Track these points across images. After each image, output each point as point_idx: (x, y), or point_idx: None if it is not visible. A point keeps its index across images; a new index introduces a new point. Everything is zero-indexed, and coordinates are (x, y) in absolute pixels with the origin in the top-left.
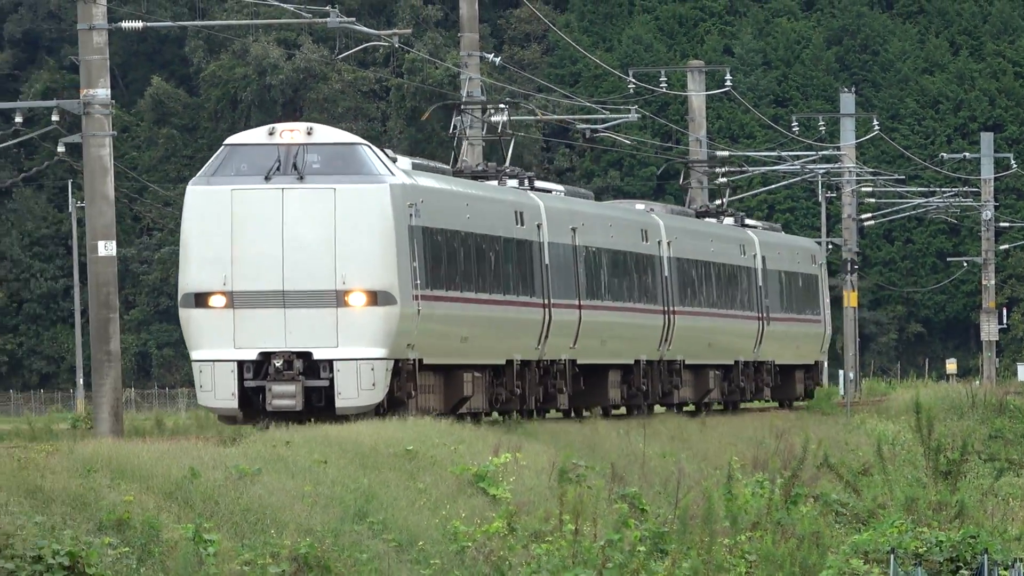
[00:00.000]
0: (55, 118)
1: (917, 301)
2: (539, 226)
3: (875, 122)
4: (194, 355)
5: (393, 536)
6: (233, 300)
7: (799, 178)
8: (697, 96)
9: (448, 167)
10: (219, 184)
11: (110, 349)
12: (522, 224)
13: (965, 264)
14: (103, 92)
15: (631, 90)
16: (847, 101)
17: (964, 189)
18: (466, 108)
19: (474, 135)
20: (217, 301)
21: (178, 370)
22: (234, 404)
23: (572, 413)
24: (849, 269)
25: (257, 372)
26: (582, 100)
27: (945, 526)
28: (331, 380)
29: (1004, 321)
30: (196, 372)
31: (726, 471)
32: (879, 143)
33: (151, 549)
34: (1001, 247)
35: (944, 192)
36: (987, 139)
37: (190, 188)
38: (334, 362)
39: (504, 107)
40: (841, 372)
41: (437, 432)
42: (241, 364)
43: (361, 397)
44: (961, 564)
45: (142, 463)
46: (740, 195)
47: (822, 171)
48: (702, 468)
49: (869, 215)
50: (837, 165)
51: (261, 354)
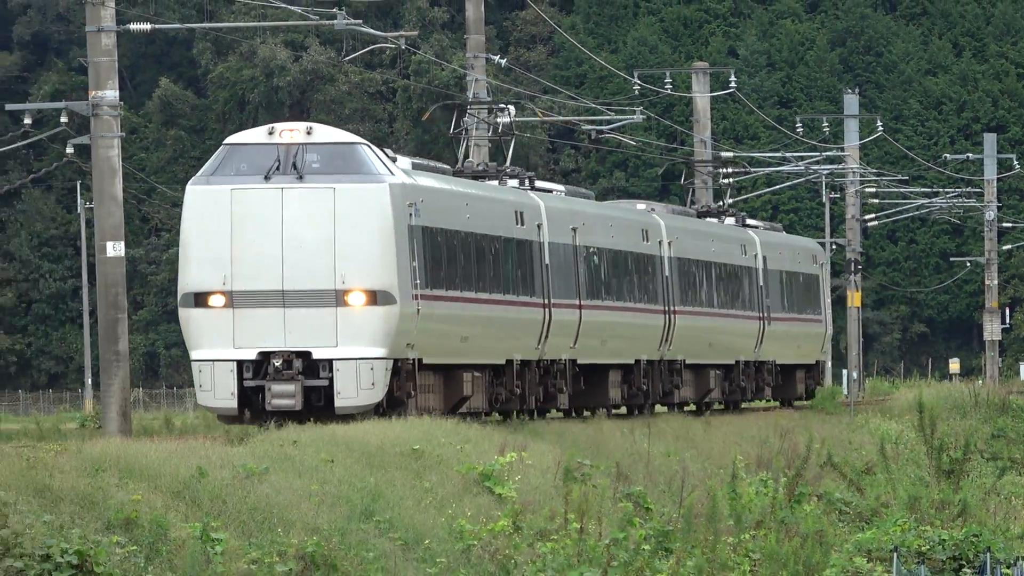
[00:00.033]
0: (64, 120)
1: (920, 301)
2: (539, 226)
3: (879, 123)
4: (193, 355)
5: (399, 535)
6: (232, 300)
7: (803, 179)
8: (701, 97)
9: (448, 167)
10: (219, 184)
11: (118, 349)
12: (522, 224)
13: (968, 264)
14: (111, 94)
15: (636, 91)
16: (851, 102)
17: (967, 190)
18: (472, 108)
19: (479, 136)
20: (216, 301)
21: (186, 370)
22: (233, 404)
23: (573, 413)
24: (853, 269)
25: (256, 372)
26: (587, 101)
27: (948, 525)
28: (330, 380)
29: (1007, 321)
30: (195, 372)
31: (730, 470)
32: (883, 144)
33: (159, 548)
34: (1004, 247)
35: (947, 193)
36: (990, 140)
37: (190, 188)
38: (333, 362)
39: (504, 107)
40: (845, 371)
41: (443, 431)
42: (240, 364)
43: (360, 397)
44: (964, 562)
45: (150, 462)
46: (745, 196)
47: (826, 172)
48: (706, 467)
49: (873, 216)
50: (841, 166)
51: (260, 354)
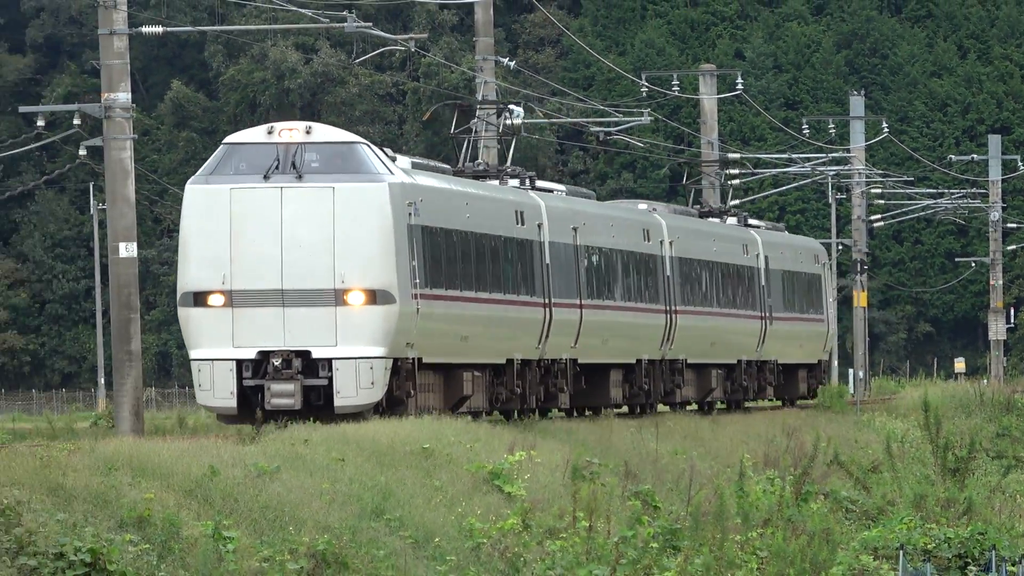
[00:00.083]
0: (77, 122)
1: (926, 301)
2: (540, 225)
3: (884, 125)
4: (193, 354)
5: (410, 533)
6: (232, 299)
7: (809, 180)
8: (709, 99)
9: (448, 167)
10: (218, 183)
11: (131, 349)
12: (523, 223)
13: (973, 264)
14: (124, 96)
15: (644, 93)
16: (857, 104)
17: (972, 190)
18: (480, 110)
19: (488, 137)
20: (216, 300)
21: None
22: (233, 403)
23: (574, 412)
24: (859, 269)
25: (256, 371)
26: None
27: (953, 523)
28: (330, 379)
29: (1012, 320)
30: (195, 371)
31: (738, 469)
32: (888, 145)
33: (171, 546)
34: (1008, 247)
35: (952, 193)
36: (995, 141)
37: (189, 187)
38: (333, 361)
39: (507, 107)
40: (851, 371)
41: (453, 430)
42: (240, 363)
43: (360, 396)
44: (969, 560)
45: (162, 461)
46: (752, 196)
47: (832, 173)
48: (714, 466)
49: (878, 216)
50: (847, 167)
51: (260, 353)
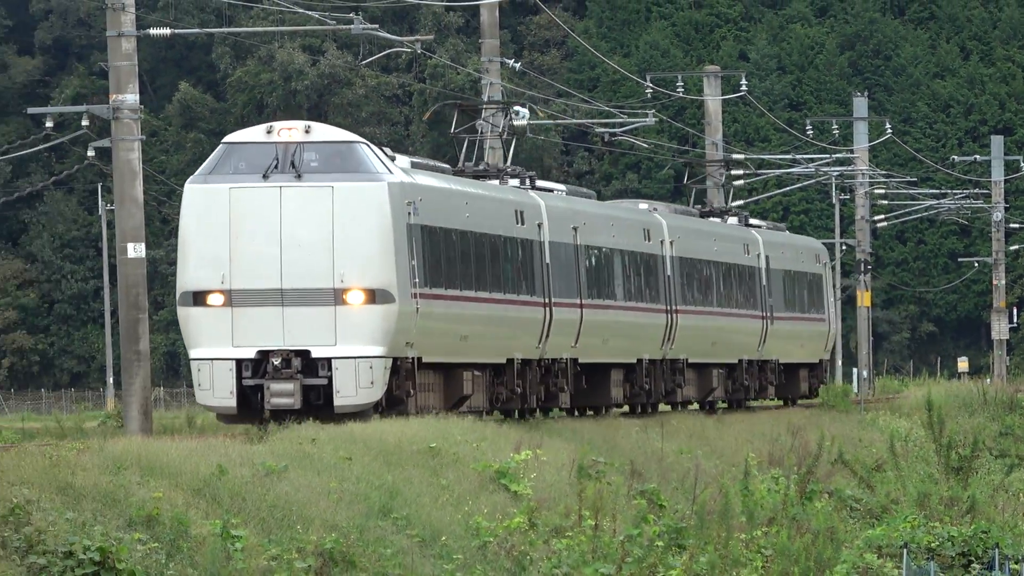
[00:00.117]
0: (85, 123)
1: (929, 300)
2: (540, 225)
3: (887, 126)
4: (192, 354)
5: (417, 531)
6: (231, 298)
7: (813, 180)
8: (713, 100)
9: (449, 166)
10: (217, 183)
11: (139, 349)
12: (522, 223)
13: (976, 264)
14: (132, 97)
15: (648, 95)
16: (860, 105)
17: (975, 191)
18: (486, 110)
19: (493, 137)
20: (215, 300)
21: None
22: (232, 403)
23: (575, 412)
24: (863, 269)
25: (255, 371)
26: (601, 104)
27: (957, 521)
28: (329, 378)
29: (1014, 320)
30: (194, 371)
31: (742, 467)
32: (891, 146)
33: (180, 545)
34: (1011, 247)
35: (955, 194)
36: (997, 142)
37: (188, 186)
38: (332, 360)
39: (506, 108)
40: (855, 370)
41: (460, 430)
42: (239, 363)
43: (360, 395)
44: (973, 558)
45: (171, 460)
46: (756, 197)
47: (836, 173)
48: (719, 465)
49: (882, 216)
50: (850, 168)
51: (259, 352)
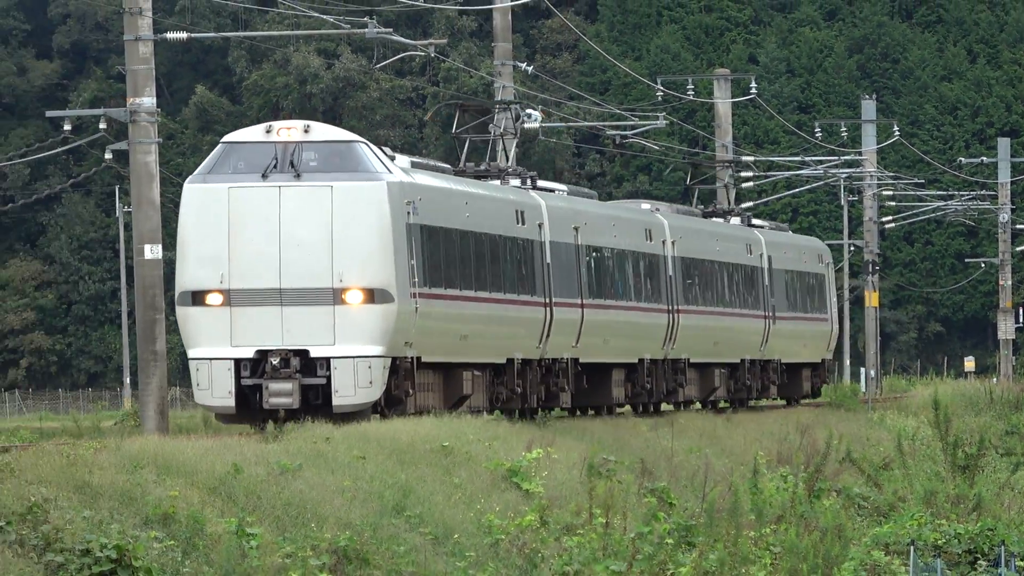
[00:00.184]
0: (103, 126)
1: (936, 301)
2: (540, 225)
3: (895, 128)
4: (191, 353)
5: (430, 529)
6: (230, 298)
7: (822, 182)
8: (723, 103)
9: (449, 166)
10: (216, 182)
11: (156, 349)
12: (523, 223)
13: (983, 265)
14: (149, 101)
15: (659, 97)
16: (868, 108)
17: (981, 192)
18: (498, 113)
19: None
20: (214, 299)
21: None
22: (231, 403)
23: (577, 412)
24: (870, 270)
25: (254, 370)
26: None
27: (963, 519)
28: (328, 378)
29: (1020, 320)
30: (193, 370)
31: (751, 466)
32: (899, 148)
33: (196, 542)
34: (1018, 248)
35: (962, 195)
36: (1004, 144)
37: (187, 186)
38: (331, 360)
39: (507, 109)
40: (863, 369)
41: (472, 429)
42: (238, 362)
43: (358, 395)
44: (979, 555)
45: (187, 459)
46: (765, 199)
47: (844, 175)
48: (728, 463)
49: (890, 218)
50: (859, 170)
51: (258, 352)
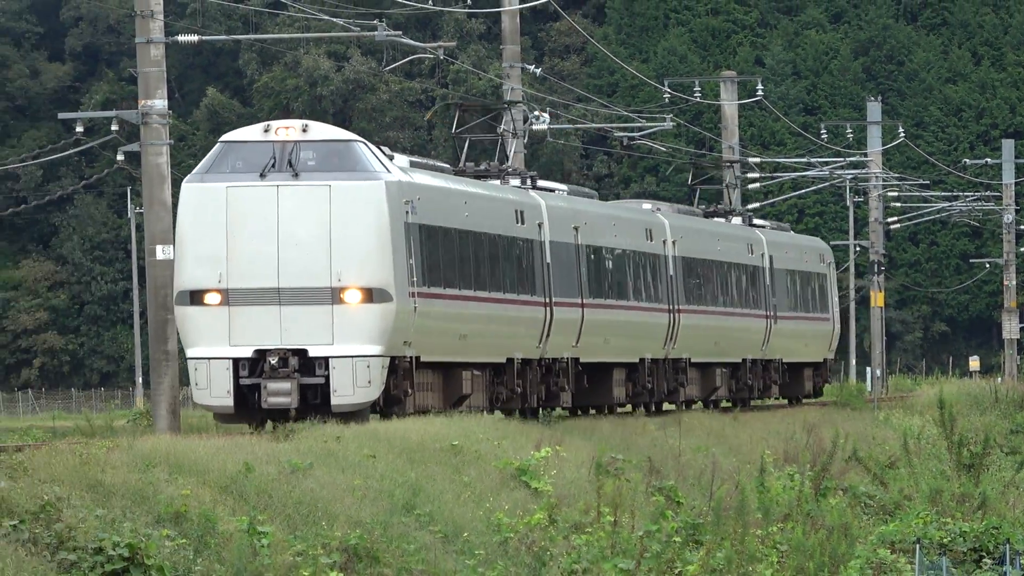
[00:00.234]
0: (114, 128)
1: (941, 301)
2: (540, 225)
3: (900, 130)
4: (189, 353)
5: (439, 528)
6: (228, 298)
7: (828, 183)
8: (730, 105)
9: (449, 166)
10: (214, 181)
11: (168, 349)
12: (523, 223)
13: (987, 265)
14: (160, 103)
15: (666, 99)
16: (874, 109)
17: (986, 193)
18: (507, 113)
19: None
20: (212, 299)
21: None
22: (229, 402)
23: (578, 412)
24: (876, 270)
25: (253, 370)
26: (619, 109)
27: (968, 517)
28: (327, 377)
29: None
30: (191, 370)
31: (758, 465)
32: (904, 150)
33: (207, 541)
34: (1022, 249)
35: (967, 196)
36: (1008, 145)
37: (185, 185)
38: (330, 359)
39: (508, 109)
40: (868, 369)
41: (481, 428)
42: (236, 362)
43: (357, 395)
44: (984, 553)
45: (198, 458)
46: (771, 200)
47: (850, 176)
48: (735, 462)
49: (895, 219)
50: (864, 171)
51: (256, 352)
